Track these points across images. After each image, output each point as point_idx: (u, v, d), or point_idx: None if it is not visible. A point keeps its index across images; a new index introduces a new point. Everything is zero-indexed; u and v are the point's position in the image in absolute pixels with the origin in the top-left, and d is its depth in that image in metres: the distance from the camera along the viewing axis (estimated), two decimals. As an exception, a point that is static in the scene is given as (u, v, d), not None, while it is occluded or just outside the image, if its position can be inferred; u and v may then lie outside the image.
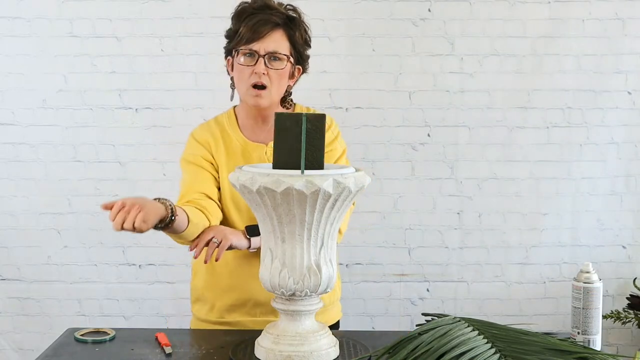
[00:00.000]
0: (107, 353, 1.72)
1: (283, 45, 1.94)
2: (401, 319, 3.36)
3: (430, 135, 3.32)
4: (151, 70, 3.26)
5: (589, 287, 1.67)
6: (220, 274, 2.03)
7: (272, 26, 1.92)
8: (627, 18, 3.27)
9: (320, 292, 1.58)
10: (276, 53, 1.92)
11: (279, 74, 1.94)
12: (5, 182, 3.29)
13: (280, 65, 1.93)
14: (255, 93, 1.92)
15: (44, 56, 3.24)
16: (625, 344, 3.41)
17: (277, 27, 1.93)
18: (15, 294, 3.33)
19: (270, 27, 1.92)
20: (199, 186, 1.96)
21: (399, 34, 3.27)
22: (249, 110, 2.01)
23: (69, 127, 3.27)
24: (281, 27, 1.94)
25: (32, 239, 3.30)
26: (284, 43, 1.94)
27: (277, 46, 1.92)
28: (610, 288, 3.35)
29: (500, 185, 3.34)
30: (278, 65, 1.93)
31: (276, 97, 1.97)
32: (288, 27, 1.95)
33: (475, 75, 3.29)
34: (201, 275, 2.07)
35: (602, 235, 3.37)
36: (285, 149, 1.56)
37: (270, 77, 1.92)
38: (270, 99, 1.95)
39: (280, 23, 1.93)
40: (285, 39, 1.94)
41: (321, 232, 1.55)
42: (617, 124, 3.32)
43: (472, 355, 1.45)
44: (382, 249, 3.34)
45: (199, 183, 1.97)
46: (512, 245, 3.36)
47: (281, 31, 1.94)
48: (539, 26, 3.27)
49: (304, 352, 1.56)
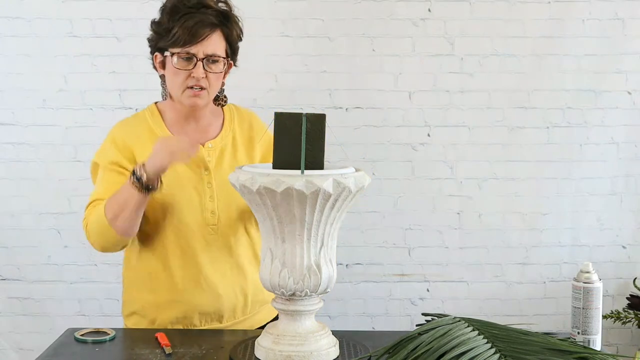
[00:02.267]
0: (107, 353, 1.72)
1: (221, 46, 1.88)
2: (401, 319, 3.36)
3: (430, 135, 3.32)
4: (151, 70, 3.23)
5: (589, 287, 1.67)
6: (158, 289, 1.93)
7: (210, 28, 1.85)
8: (627, 18, 3.27)
9: (320, 292, 1.59)
10: (214, 56, 1.86)
11: (217, 76, 1.89)
12: (5, 182, 3.29)
13: (219, 67, 1.88)
14: (193, 93, 1.87)
15: (44, 56, 3.24)
16: (625, 344, 3.41)
17: (214, 28, 1.86)
18: (15, 294, 3.33)
19: (209, 29, 1.85)
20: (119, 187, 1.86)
21: (399, 34, 3.27)
22: (180, 108, 1.94)
23: (69, 127, 3.27)
24: (218, 28, 1.87)
25: (32, 239, 3.30)
26: (222, 44, 1.88)
27: (215, 49, 1.86)
28: (610, 288, 3.35)
29: (500, 185, 3.34)
30: (216, 68, 1.88)
31: (212, 97, 1.94)
32: (224, 26, 1.89)
33: (475, 75, 3.29)
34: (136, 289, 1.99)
35: (602, 235, 3.37)
36: (285, 149, 1.56)
37: (208, 79, 1.87)
38: (207, 99, 1.91)
39: (217, 23, 1.87)
40: (222, 40, 1.89)
41: (321, 232, 1.55)
42: (617, 124, 3.32)
43: (472, 355, 1.45)
44: (382, 249, 3.34)
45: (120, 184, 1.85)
46: (512, 245, 3.36)
47: (218, 32, 1.87)
48: (539, 26, 3.27)
49: (304, 352, 1.56)
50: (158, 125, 1.96)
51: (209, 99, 1.92)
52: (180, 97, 1.89)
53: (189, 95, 1.88)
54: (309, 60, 3.27)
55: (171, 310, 1.93)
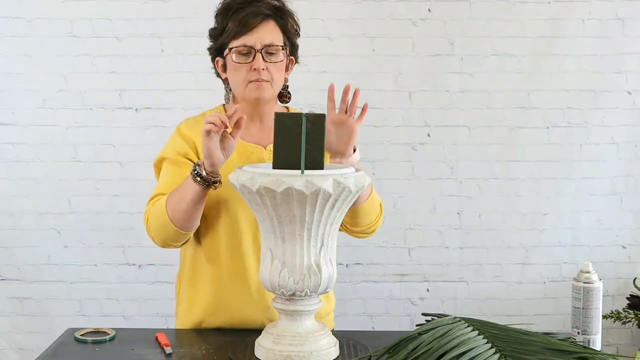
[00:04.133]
0: (107, 353, 1.72)
1: (277, 36, 1.84)
2: (401, 319, 3.36)
3: (430, 135, 3.32)
4: (151, 70, 3.26)
5: (589, 287, 1.67)
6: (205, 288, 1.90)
7: (263, 17, 1.82)
8: (627, 18, 3.27)
9: (320, 292, 1.58)
10: (272, 45, 1.82)
11: (278, 68, 1.85)
12: (5, 182, 3.29)
13: (278, 58, 1.84)
14: (257, 85, 1.82)
15: (44, 56, 3.24)
16: (625, 344, 3.41)
17: (267, 18, 1.83)
18: (15, 294, 3.33)
19: (261, 18, 1.82)
20: None
21: (399, 34, 3.27)
22: (245, 107, 1.88)
23: (69, 127, 3.27)
24: (272, 18, 1.84)
25: (32, 239, 3.30)
26: (278, 34, 1.85)
27: (273, 38, 1.83)
28: (610, 288, 3.35)
29: (500, 185, 3.34)
30: (276, 58, 1.84)
31: (277, 91, 1.89)
32: (278, 17, 1.85)
33: (475, 75, 3.30)
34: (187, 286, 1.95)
35: (602, 235, 3.37)
36: (285, 149, 1.56)
37: (270, 71, 1.83)
38: (272, 92, 1.86)
39: (270, 14, 1.84)
40: (278, 30, 1.85)
41: (321, 232, 1.55)
42: (617, 124, 3.32)
43: (472, 355, 1.45)
44: (382, 249, 3.34)
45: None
46: (512, 245, 3.36)
47: (273, 22, 1.84)
48: (539, 26, 3.27)
49: (304, 352, 1.56)
50: None
51: (273, 92, 1.87)
52: (244, 92, 1.85)
53: (253, 88, 1.83)
54: (309, 60, 3.26)
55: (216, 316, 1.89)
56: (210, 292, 1.89)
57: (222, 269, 1.88)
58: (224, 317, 1.89)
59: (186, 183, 1.77)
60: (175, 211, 1.77)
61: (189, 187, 1.75)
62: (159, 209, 1.81)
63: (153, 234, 1.87)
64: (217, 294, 1.88)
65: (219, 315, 1.89)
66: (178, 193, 1.78)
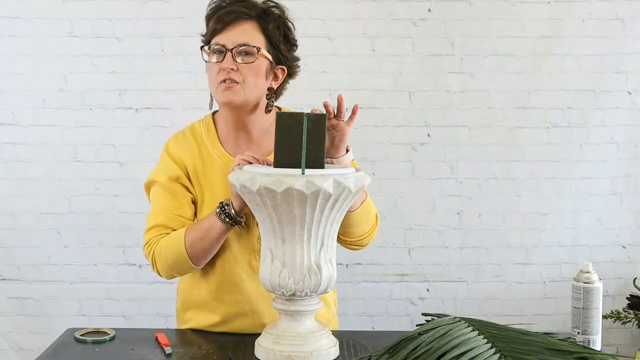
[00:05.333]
0: (107, 353, 1.72)
1: (254, 37, 1.75)
2: (401, 319, 3.36)
3: (430, 135, 3.32)
4: (151, 70, 3.26)
5: (589, 287, 1.67)
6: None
7: (241, 17, 1.75)
8: (627, 18, 3.27)
9: (321, 292, 1.58)
10: (246, 45, 1.73)
11: (252, 69, 1.74)
12: (5, 182, 3.29)
13: (251, 59, 1.74)
14: (225, 87, 1.73)
15: (44, 56, 3.24)
16: (625, 344, 3.41)
17: (247, 18, 1.75)
18: (15, 294, 3.33)
19: (236, 16, 1.74)
20: (180, 211, 1.82)
21: (399, 34, 3.27)
22: (227, 117, 1.82)
23: (69, 127, 3.27)
24: (254, 19, 1.76)
25: (32, 239, 3.30)
26: (256, 35, 1.76)
27: (247, 38, 1.74)
28: (610, 288, 3.35)
29: (500, 185, 3.34)
30: (249, 59, 1.74)
31: (251, 96, 1.77)
32: (261, 19, 1.77)
33: (475, 75, 3.29)
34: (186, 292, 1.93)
35: (602, 235, 3.37)
36: (286, 149, 1.56)
37: (241, 72, 1.73)
38: (243, 96, 1.75)
39: (251, 15, 1.76)
40: (257, 31, 1.76)
41: (321, 232, 1.55)
42: (617, 124, 3.32)
43: (472, 355, 1.45)
44: (382, 249, 3.34)
45: (179, 208, 1.82)
46: (512, 245, 3.36)
47: (253, 23, 1.76)
48: (539, 26, 3.27)
49: (304, 353, 1.56)
50: (211, 138, 1.86)
51: (245, 96, 1.75)
52: (216, 95, 1.77)
53: (222, 89, 1.74)
54: (309, 60, 3.26)
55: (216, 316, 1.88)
56: (210, 292, 1.89)
57: (217, 278, 1.86)
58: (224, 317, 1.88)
59: (211, 221, 1.74)
60: (195, 248, 1.75)
61: (214, 226, 1.73)
62: (174, 244, 1.77)
63: (162, 268, 1.82)
64: (217, 294, 1.88)
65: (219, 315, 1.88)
66: (199, 230, 1.75)
